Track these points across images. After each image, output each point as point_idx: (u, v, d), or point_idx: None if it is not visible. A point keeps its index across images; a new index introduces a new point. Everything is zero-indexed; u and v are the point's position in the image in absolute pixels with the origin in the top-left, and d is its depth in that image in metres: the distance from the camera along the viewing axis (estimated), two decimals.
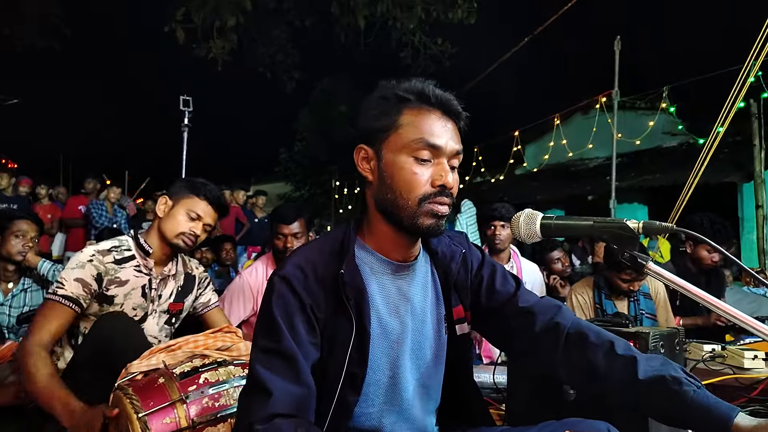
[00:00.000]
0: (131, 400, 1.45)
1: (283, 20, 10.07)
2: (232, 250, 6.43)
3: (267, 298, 1.20)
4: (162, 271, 2.20)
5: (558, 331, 1.29)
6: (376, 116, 1.23)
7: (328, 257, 1.22)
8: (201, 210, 2.17)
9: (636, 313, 3.28)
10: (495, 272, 1.39)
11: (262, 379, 1.11)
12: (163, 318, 2.21)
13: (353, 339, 1.19)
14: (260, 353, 1.15)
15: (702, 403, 1.10)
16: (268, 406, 1.08)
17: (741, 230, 9.39)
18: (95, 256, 2.02)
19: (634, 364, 1.19)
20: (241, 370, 1.63)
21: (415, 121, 1.19)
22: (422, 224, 1.19)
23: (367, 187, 1.26)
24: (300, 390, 1.12)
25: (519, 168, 14.00)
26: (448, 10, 9.19)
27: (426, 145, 1.18)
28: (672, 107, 9.73)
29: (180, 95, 4.17)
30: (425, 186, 1.18)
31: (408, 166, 1.18)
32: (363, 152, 1.25)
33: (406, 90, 1.22)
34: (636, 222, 1.13)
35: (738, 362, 2.23)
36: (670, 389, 1.13)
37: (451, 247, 1.37)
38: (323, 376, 1.19)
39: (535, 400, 1.86)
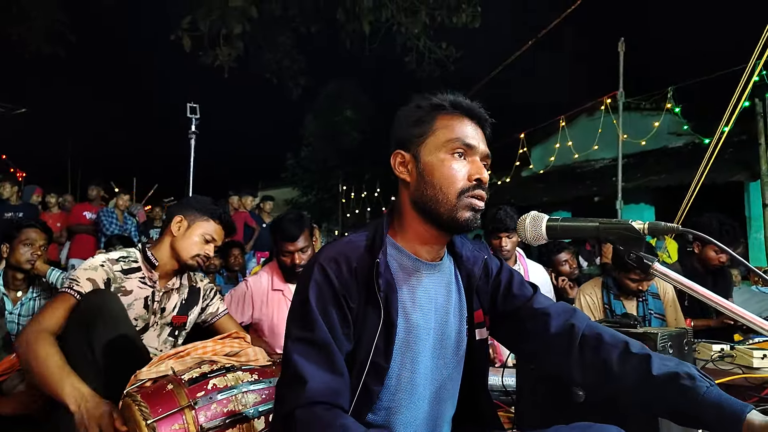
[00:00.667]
0: (140, 406, 1.46)
1: (288, 27, 10.13)
2: (240, 255, 6.45)
3: (303, 286, 1.24)
4: (166, 285, 2.22)
5: (573, 333, 1.31)
6: (412, 124, 1.32)
7: (362, 251, 1.27)
8: (216, 233, 2.24)
9: (645, 313, 3.27)
10: (513, 277, 1.44)
11: (298, 367, 1.14)
12: (165, 330, 2.22)
13: (380, 329, 1.23)
14: (295, 342, 1.19)
15: (715, 399, 1.10)
16: (306, 393, 1.11)
17: (748, 229, 9.34)
18: (106, 263, 2.08)
19: (648, 362, 1.21)
20: (249, 375, 1.64)
21: (450, 124, 1.29)
22: (461, 217, 1.25)
23: (404, 189, 1.34)
24: (334, 379, 1.15)
25: (525, 170, 14.00)
26: (452, 14, 9.22)
27: (462, 143, 1.27)
28: (677, 107, 9.72)
29: (187, 102, 4.20)
30: (463, 180, 1.26)
31: (447, 162, 1.27)
32: (400, 157, 1.34)
33: (440, 98, 1.32)
34: (641, 223, 1.13)
35: (747, 362, 2.21)
36: (684, 385, 1.14)
37: (474, 253, 1.42)
38: (350, 365, 1.23)
39: (544, 403, 1.86)
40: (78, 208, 7.77)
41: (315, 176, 20.95)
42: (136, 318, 2.11)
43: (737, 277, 5.65)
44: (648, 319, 3.24)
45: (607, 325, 1.89)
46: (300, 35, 10.31)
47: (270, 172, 23.16)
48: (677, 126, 10.82)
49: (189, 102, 4.22)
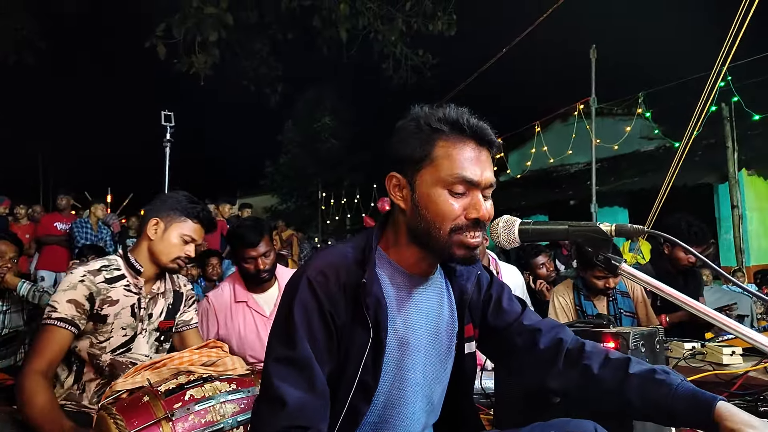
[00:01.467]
0: (115, 419, 1.44)
1: (265, 34, 10.09)
2: (218, 265, 6.39)
3: (288, 300, 1.19)
4: (151, 290, 2.17)
5: (560, 346, 1.34)
6: (410, 147, 1.21)
7: (352, 264, 1.23)
8: (195, 233, 2.15)
9: (615, 312, 3.34)
10: (503, 292, 1.43)
11: (275, 388, 1.11)
12: (153, 336, 2.18)
13: (369, 349, 1.20)
14: (276, 361, 1.15)
15: (688, 391, 1.15)
16: (282, 417, 1.08)
17: (718, 230, 9.55)
18: (86, 277, 1.99)
19: (627, 363, 1.25)
20: (227, 385, 1.62)
21: (451, 153, 1.18)
22: (455, 254, 1.20)
23: (399, 213, 1.27)
24: (314, 399, 1.12)
25: (503, 175, 14.13)
26: (428, 22, 9.31)
27: (461, 180, 1.17)
28: (648, 112, 9.93)
29: (161, 110, 4.15)
30: (459, 218, 1.18)
31: (443, 199, 1.18)
32: (395, 180, 1.25)
33: (440, 120, 1.20)
34: (609, 225, 1.17)
35: (717, 359, 2.27)
36: (659, 379, 1.18)
37: (468, 268, 1.39)
38: (336, 383, 1.20)
39: (522, 404, 1.88)
40: (48, 218, 7.62)
41: (294, 183, 20.89)
42: (124, 327, 2.06)
43: (709, 277, 5.77)
44: (619, 317, 3.31)
45: (581, 326, 1.93)
46: (277, 42, 10.29)
47: (248, 179, 23.02)
48: (648, 130, 11.04)
49: (163, 110, 4.17)
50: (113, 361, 2.05)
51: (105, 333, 2.02)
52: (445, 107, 1.23)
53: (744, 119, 8.59)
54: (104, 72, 18.63)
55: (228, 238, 2.86)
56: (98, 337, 2.02)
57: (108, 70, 18.51)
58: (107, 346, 2.03)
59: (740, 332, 1.07)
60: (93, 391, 2.04)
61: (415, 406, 1.31)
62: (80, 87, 18.68)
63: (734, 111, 8.45)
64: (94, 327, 2.01)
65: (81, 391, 2.04)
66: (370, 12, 9.14)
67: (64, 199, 7.64)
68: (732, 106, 8.37)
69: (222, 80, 10.30)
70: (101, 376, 2.05)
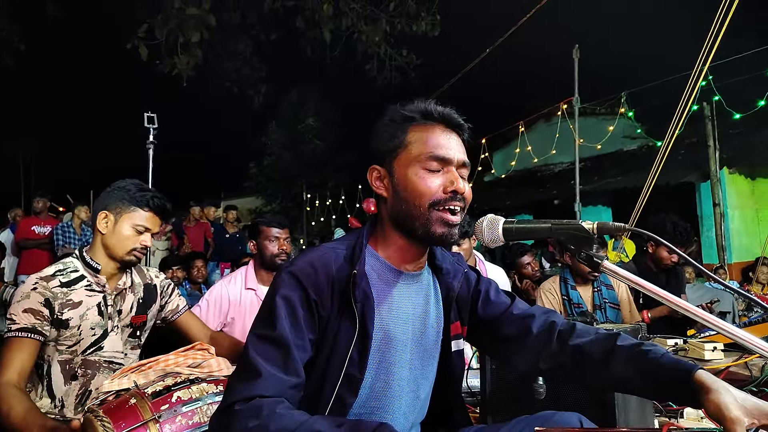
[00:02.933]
0: (102, 422, 1.43)
1: (248, 34, 10.05)
2: (203, 267, 6.37)
3: (276, 285, 1.23)
4: (116, 286, 2.12)
5: (553, 328, 1.37)
6: (386, 138, 1.31)
7: (341, 260, 1.27)
8: (148, 222, 2.09)
9: (600, 302, 3.44)
10: (490, 287, 1.47)
11: (252, 362, 1.13)
12: (126, 332, 2.13)
13: (355, 341, 1.23)
14: (255, 337, 1.18)
15: (671, 360, 1.19)
16: (253, 387, 1.09)
17: (700, 228, 9.68)
18: (38, 283, 1.95)
19: (615, 338, 1.29)
20: (214, 387, 1.62)
21: (422, 136, 1.28)
22: (435, 232, 1.25)
23: (382, 203, 1.33)
24: (287, 378, 1.13)
25: (487, 175, 14.22)
26: (411, 22, 9.32)
27: (433, 156, 1.25)
28: (630, 112, 10.04)
29: (144, 112, 4.11)
30: (437, 193, 1.24)
31: (420, 176, 1.25)
32: (376, 172, 1.33)
33: (411, 110, 1.31)
34: (591, 223, 1.19)
35: (699, 354, 2.31)
36: (644, 350, 1.22)
37: (454, 266, 1.44)
38: (323, 375, 1.23)
39: (507, 401, 1.91)
40: (25, 222, 7.47)
41: (278, 185, 20.80)
42: (93, 327, 2.02)
43: (691, 274, 5.85)
44: (603, 307, 3.40)
45: None
46: (260, 43, 10.25)
47: (232, 181, 22.90)
48: (631, 130, 11.17)
49: (146, 111, 4.13)
50: (84, 361, 2.02)
51: (73, 337, 1.99)
52: (414, 100, 1.33)
53: (725, 118, 8.71)
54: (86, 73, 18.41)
55: (254, 223, 3.18)
56: (66, 342, 1.98)
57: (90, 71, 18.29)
58: (78, 349, 2.00)
59: (721, 327, 1.09)
60: (73, 403, 2.01)
61: (401, 401, 1.33)
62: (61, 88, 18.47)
63: (715, 110, 8.56)
64: (57, 334, 1.97)
65: (61, 406, 2.01)
66: (354, 12, 9.14)
67: (41, 201, 7.50)
68: (713, 105, 8.49)
69: (205, 81, 10.23)
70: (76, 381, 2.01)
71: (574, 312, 3.40)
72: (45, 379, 2.01)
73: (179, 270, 5.88)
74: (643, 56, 14.90)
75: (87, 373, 2.03)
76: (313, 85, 20.02)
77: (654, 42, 15.08)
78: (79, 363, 2.01)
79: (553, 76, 9.89)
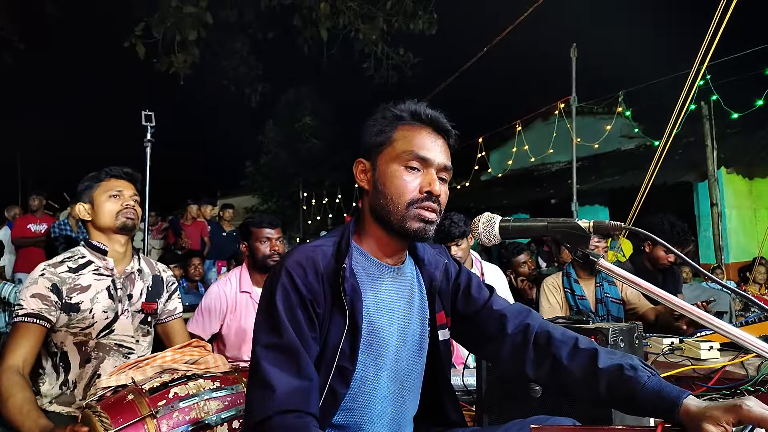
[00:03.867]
0: (100, 417, 1.44)
1: (244, 33, 10.04)
2: (200, 265, 6.37)
3: (270, 291, 1.25)
4: (125, 270, 2.18)
5: (528, 332, 1.37)
6: (374, 133, 1.35)
7: (328, 256, 1.30)
8: (119, 186, 2.18)
9: (601, 296, 3.44)
10: (471, 280, 1.49)
11: (266, 374, 1.15)
12: (137, 318, 2.18)
13: (345, 334, 1.25)
14: (263, 349, 1.20)
15: (655, 387, 1.16)
16: (272, 403, 1.12)
17: (698, 228, 9.70)
18: (46, 269, 2.02)
19: (595, 356, 1.27)
20: (211, 383, 1.63)
21: (408, 135, 1.32)
22: (410, 227, 1.28)
23: (365, 196, 1.37)
24: (303, 384, 1.16)
25: (484, 174, 14.22)
26: (409, 21, 9.32)
27: (415, 156, 1.30)
28: (628, 111, 10.05)
29: (142, 110, 4.10)
30: (413, 192, 1.29)
31: (398, 174, 1.30)
32: (362, 165, 1.38)
33: (401, 109, 1.36)
34: (587, 221, 1.19)
35: (695, 354, 2.31)
36: (627, 375, 1.20)
37: (435, 257, 1.47)
38: (317, 367, 1.24)
39: (503, 399, 1.91)
40: (21, 221, 7.48)
41: (275, 183, 20.76)
42: (105, 310, 2.07)
43: (688, 274, 5.86)
44: (605, 302, 3.40)
45: (563, 323, 1.97)
46: (257, 41, 10.24)
47: (229, 180, 22.87)
48: (628, 129, 11.18)
49: (144, 110, 4.12)
50: (98, 344, 2.05)
51: (85, 320, 2.03)
52: (405, 101, 1.37)
53: (723, 118, 8.72)
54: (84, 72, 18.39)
55: (245, 223, 3.08)
56: (78, 325, 2.02)
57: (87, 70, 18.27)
58: (92, 332, 2.04)
59: (718, 327, 1.10)
60: (83, 387, 2.04)
61: (389, 391, 1.35)
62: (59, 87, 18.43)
63: (713, 109, 8.56)
64: (68, 318, 2.01)
65: (72, 389, 2.03)
66: (351, 11, 9.14)
67: (36, 199, 7.52)
68: (711, 104, 8.49)
69: (202, 80, 10.22)
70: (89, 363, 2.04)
71: (577, 304, 3.41)
72: (61, 366, 2.04)
73: (176, 268, 5.89)
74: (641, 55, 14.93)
75: (99, 356, 2.07)
76: (310, 84, 20.02)
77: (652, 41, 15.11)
78: (93, 346, 2.06)
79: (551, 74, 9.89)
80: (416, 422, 1.47)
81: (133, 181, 2.25)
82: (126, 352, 2.13)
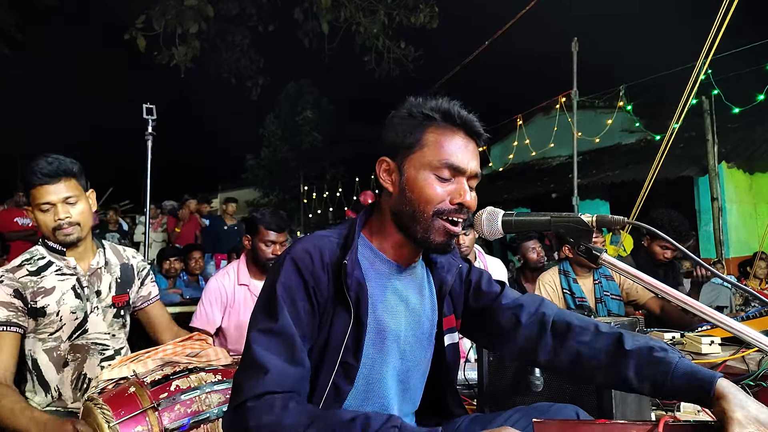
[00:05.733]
0: (102, 409, 1.44)
1: (245, 26, 10.02)
2: (200, 259, 6.37)
3: (273, 276, 1.23)
4: (90, 266, 2.08)
5: (544, 320, 1.36)
6: (402, 132, 1.27)
7: (335, 247, 1.26)
8: (45, 197, 1.95)
9: (600, 294, 3.41)
10: (481, 277, 1.47)
11: (258, 357, 1.12)
12: (109, 313, 2.10)
13: (350, 329, 1.23)
14: (258, 332, 1.17)
15: (687, 368, 1.16)
16: (262, 383, 1.09)
17: (698, 222, 9.68)
18: (5, 276, 1.93)
19: (620, 338, 1.26)
20: (212, 376, 1.63)
21: (440, 140, 1.24)
22: (433, 240, 1.24)
23: (386, 196, 1.31)
24: (295, 370, 1.14)
25: (485, 168, 14.20)
26: (410, 14, 9.29)
27: (448, 165, 1.23)
28: (629, 105, 10.02)
29: (143, 103, 4.09)
30: (443, 202, 1.23)
31: (429, 182, 1.23)
32: (386, 164, 1.29)
33: (432, 109, 1.26)
34: (590, 216, 1.19)
35: (696, 348, 2.31)
36: (657, 357, 1.19)
37: (449, 260, 1.43)
38: (319, 363, 1.22)
39: (504, 393, 1.91)
40: (6, 214, 7.28)
41: (276, 177, 20.76)
42: (73, 311, 2.00)
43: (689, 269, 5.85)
44: (605, 301, 3.38)
45: None
46: (258, 34, 10.21)
47: (230, 173, 22.86)
48: (629, 123, 11.15)
49: (145, 103, 4.10)
50: (72, 346, 2.01)
51: (53, 324, 1.97)
52: (437, 98, 1.28)
53: (724, 112, 8.70)
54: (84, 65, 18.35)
55: (251, 219, 2.98)
56: (46, 330, 1.97)
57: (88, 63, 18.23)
58: (62, 335, 1.99)
59: (720, 321, 1.09)
60: (70, 390, 2.01)
61: (391, 390, 1.33)
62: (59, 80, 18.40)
63: (714, 104, 8.53)
64: (36, 323, 1.96)
65: (58, 396, 2.00)
66: (352, 4, 9.11)
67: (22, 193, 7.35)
68: (712, 99, 8.46)
69: (203, 73, 10.21)
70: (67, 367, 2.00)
71: (576, 304, 3.40)
72: (34, 374, 1.99)
73: (176, 261, 5.89)
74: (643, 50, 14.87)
75: (77, 357, 2.02)
76: (311, 78, 20.00)
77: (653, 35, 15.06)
78: (68, 349, 2.00)
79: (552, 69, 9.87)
80: (417, 416, 1.47)
81: (64, 175, 1.98)
82: (104, 349, 2.07)
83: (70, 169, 1.99)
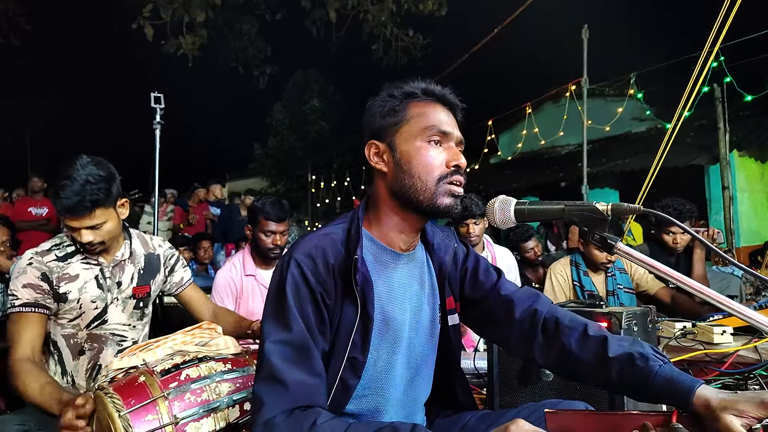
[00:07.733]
0: (112, 399, 1.44)
1: (252, 14, 9.97)
2: (209, 248, 6.40)
3: (280, 284, 1.22)
4: (114, 258, 2.10)
5: (536, 317, 1.36)
6: (385, 113, 1.31)
7: (338, 245, 1.27)
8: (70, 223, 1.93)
9: (613, 288, 3.38)
10: (479, 264, 1.47)
11: (277, 370, 1.13)
12: (129, 304, 2.13)
13: (357, 325, 1.24)
14: (274, 344, 1.17)
15: (666, 376, 1.15)
16: (286, 399, 1.10)
17: (709, 211, 9.60)
18: (34, 258, 1.96)
19: (604, 344, 1.26)
20: (222, 365, 1.63)
21: (424, 110, 1.30)
22: (441, 204, 1.26)
23: (380, 179, 1.32)
24: (313, 380, 1.15)
25: (494, 157, 14.13)
26: (418, 2, 9.22)
27: (437, 131, 1.28)
28: (639, 93, 9.91)
29: (151, 92, 4.08)
30: (441, 167, 1.27)
31: (424, 150, 1.27)
32: (375, 147, 1.32)
33: (411, 86, 1.33)
34: (605, 204, 1.17)
35: (708, 338, 2.29)
36: (637, 365, 1.19)
37: (444, 241, 1.45)
38: (327, 361, 1.23)
39: (514, 383, 1.91)
40: (20, 203, 7.21)
41: (283, 166, 20.75)
42: (93, 300, 2.03)
43: None
44: (617, 294, 3.35)
45: (575, 307, 1.95)
46: (265, 23, 10.17)
47: (237, 162, 22.87)
48: (640, 111, 11.03)
49: (153, 92, 4.09)
50: (90, 335, 2.03)
51: (73, 311, 2.00)
52: (413, 79, 1.35)
53: (736, 100, 8.58)
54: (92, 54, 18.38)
55: (254, 207, 2.99)
56: (66, 316, 2.00)
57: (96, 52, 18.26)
58: (80, 323, 2.02)
59: (735, 309, 1.08)
60: (84, 378, 2.03)
61: (401, 380, 1.34)
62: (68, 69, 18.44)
63: (726, 92, 8.43)
64: (57, 308, 1.99)
65: (72, 382, 2.03)
66: None
67: (39, 181, 7.10)
68: (724, 86, 8.34)
69: (210, 62, 10.18)
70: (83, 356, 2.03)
71: (585, 297, 3.36)
72: (55, 353, 2.04)
73: (186, 251, 5.92)
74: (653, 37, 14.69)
75: (94, 347, 2.05)
76: (318, 66, 19.91)
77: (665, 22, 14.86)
78: (85, 338, 2.03)
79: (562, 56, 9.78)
80: (426, 406, 1.47)
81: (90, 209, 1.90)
82: (123, 340, 2.10)
83: (95, 200, 1.90)
